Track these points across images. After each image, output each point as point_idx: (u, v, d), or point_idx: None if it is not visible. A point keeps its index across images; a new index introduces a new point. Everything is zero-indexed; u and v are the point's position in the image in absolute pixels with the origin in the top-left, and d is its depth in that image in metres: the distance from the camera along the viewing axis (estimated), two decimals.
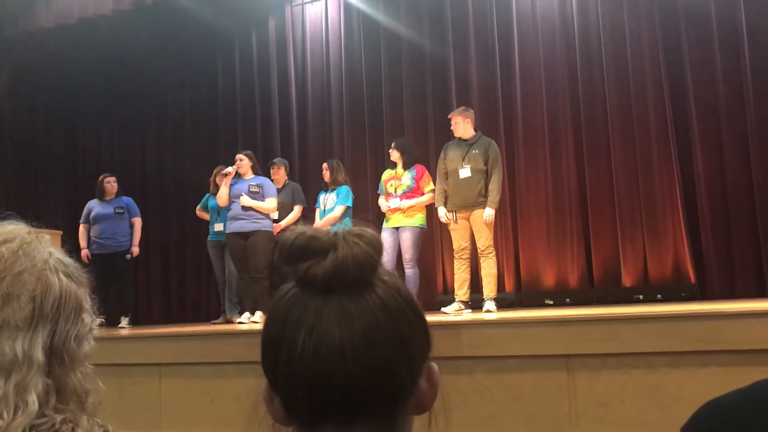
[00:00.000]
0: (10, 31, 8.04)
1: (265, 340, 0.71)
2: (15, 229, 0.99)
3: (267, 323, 0.71)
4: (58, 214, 8.81)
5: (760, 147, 6.08)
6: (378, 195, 6.18)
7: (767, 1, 6.15)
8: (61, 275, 0.99)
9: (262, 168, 6.44)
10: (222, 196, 6.05)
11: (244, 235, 5.90)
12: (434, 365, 0.72)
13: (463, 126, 5.64)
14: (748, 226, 6.10)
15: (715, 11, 6.35)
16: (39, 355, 0.92)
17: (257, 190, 6.01)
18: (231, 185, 6.02)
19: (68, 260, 1.03)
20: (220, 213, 6.75)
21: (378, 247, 0.71)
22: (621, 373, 3.19)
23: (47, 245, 1.01)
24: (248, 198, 5.94)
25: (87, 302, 1.02)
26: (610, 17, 6.73)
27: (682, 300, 6.02)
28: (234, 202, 5.98)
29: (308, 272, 0.69)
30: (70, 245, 6.63)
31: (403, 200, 5.85)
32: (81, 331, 0.98)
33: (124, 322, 6.64)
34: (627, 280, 6.45)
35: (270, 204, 6.02)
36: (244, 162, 6.11)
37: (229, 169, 6.08)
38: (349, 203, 6.21)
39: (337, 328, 0.66)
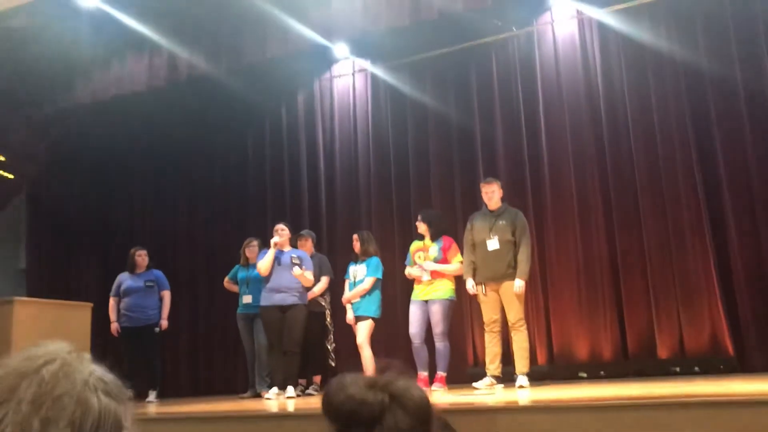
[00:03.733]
0: (48, 108, 8.29)
1: None
2: (56, 349, 0.99)
3: None
4: (90, 286, 8.92)
5: None
6: (405, 266, 6.14)
7: None
8: (101, 394, 0.98)
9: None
10: (266, 266, 5.93)
11: (283, 308, 5.87)
12: None
13: (498, 195, 5.65)
14: None
15: (741, 79, 6.34)
16: None
17: (298, 262, 6.01)
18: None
19: (109, 377, 1.02)
20: (249, 285, 6.75)
21: (425, 414, 0.71)
22: None
23: (88, 364, 1.01)
24: (299, 269, 5.94)
25: (127, 420, 1.01)
26: (636, 87, 6.75)
27: (721, 373, 5.83)
28: (274, 273, 5.93)
29: None
30: (103, 318, 6.69)
31: (431, 264, 5.78)
32: None
33: (152, 395, 6.60)
34: (663, 352, 6.27)
35: (311, 277, 6.06)
36: (286, 231, 6.11)
37: (277, 239, 6.04)
38: (379, 275, 6.18)
39: None
